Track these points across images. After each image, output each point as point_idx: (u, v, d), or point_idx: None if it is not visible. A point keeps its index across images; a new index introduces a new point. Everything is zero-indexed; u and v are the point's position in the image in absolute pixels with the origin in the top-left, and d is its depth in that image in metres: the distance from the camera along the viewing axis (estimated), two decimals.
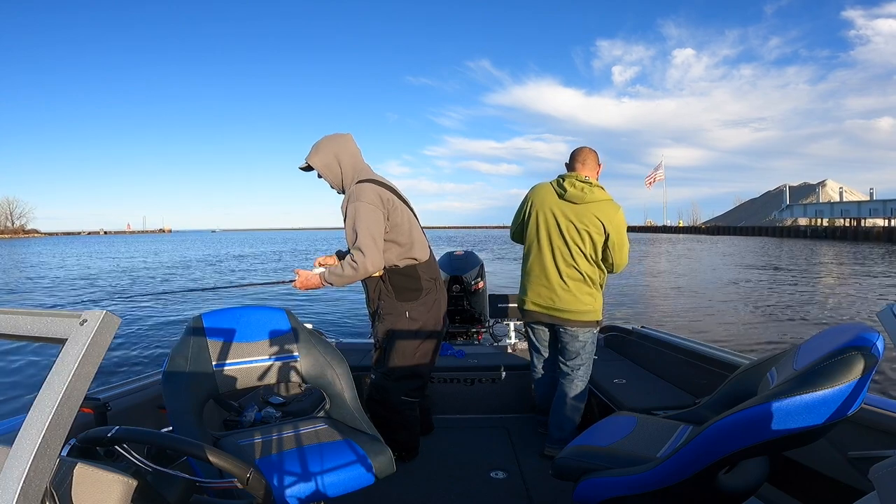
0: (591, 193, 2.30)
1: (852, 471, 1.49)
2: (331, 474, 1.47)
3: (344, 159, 2.15)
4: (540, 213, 2.38)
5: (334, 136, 2.20)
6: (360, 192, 2.06)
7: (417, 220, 2.30)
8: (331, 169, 2.16)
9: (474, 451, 2.43)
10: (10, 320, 0.71)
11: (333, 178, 2.18)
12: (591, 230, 2.29)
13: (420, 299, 2.22)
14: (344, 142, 2.18)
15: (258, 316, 1.81)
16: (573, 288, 2.34)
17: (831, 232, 50.14)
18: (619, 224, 2.32)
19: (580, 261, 2.32)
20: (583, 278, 2.33)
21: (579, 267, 2.33)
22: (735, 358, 2.22)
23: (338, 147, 2.16)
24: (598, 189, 2.33)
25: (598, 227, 2.29)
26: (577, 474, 1.46)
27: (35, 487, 0.59)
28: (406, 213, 2.20)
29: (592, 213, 2.29)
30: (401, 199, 2.21)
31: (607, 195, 2.34)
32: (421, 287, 2.22)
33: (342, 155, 2.15)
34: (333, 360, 1.80)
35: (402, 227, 2.16)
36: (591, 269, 2.34)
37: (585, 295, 2.34)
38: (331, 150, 2.15)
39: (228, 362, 1.70)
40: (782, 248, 33.76)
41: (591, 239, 2.31)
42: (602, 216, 2.29)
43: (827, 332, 1.28)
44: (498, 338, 3.21)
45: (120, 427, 0.92)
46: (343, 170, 2.15)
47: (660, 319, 9.13)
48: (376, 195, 2.07)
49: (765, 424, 1.11)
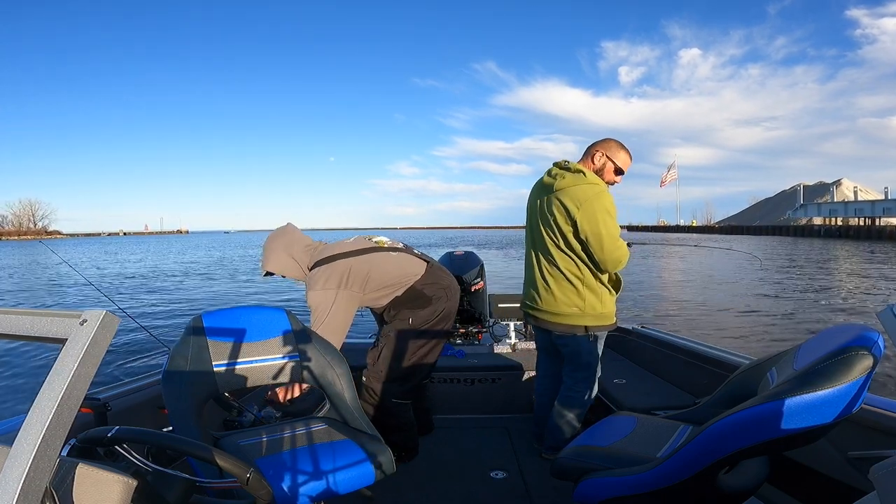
0: (562, 179, 2.06)
1: (852, 471, 1.49)
2: (331, 474, 1.47)
3: (295, 251, 2.17)
4: (528, 207, 2.28)
5: (275, 234, 2.24)
6: (318, 279, 2.08)
7: (401, 245, 2.29)
8: (288, 267, 2.17)
9: (474, 451, 2.43)
10: (10, 320, 0.71)
11: (295, 272, 2.19)
12: (559, 219, 2.05)
13: (427, 308, 2.21)
14: (286, 235, 2.21)
15: (258, 316, 1.81)
16: (553, 287, 2.13)
17: (845, 231, 49.92)
18: (591, 210, 1.98)
19: (556, 255, 2.10)
20: (562, 275, 2.11)
21: (556, 262, 2.11)
22: (735, 358, 2.22)
23: (283, 243, 2.18)
24: (574, 174, 2.06)
25: (564, 213, 2.04)
26: (577, 474, 1.46)
27: (35, 487, 0.59)
28: (374, 259, 2.17)
29: (559, 199, 2.05)
30: (361, 249, 2.18)
31: (585, 179, 2.04)
32: (428, 298, 2.21)
33: (291, 248, 2.17)
34: (333, 361, 1.80)
35: (375, 274, 2.15)
36: (570, 265, 2.09)
37: (568, 294, 2.11)
38: (279, 249, 2.17)
39: (228, 362, 1.70)
40: (797, 247, 33.62)
41: (558, 229, 2.06)
42: (568, 200, 2.02)
43: (827, 332, 1.28)
44: (498, 338, 3.21)
45: (120, 427, 0.92)
46: (298, 261, 2.17)
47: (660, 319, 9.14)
48: (335, 277, 2.08)
49: (765, 424, 1.11)
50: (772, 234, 59.91)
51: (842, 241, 41.78)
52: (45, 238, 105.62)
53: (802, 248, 33.50)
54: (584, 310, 2.11)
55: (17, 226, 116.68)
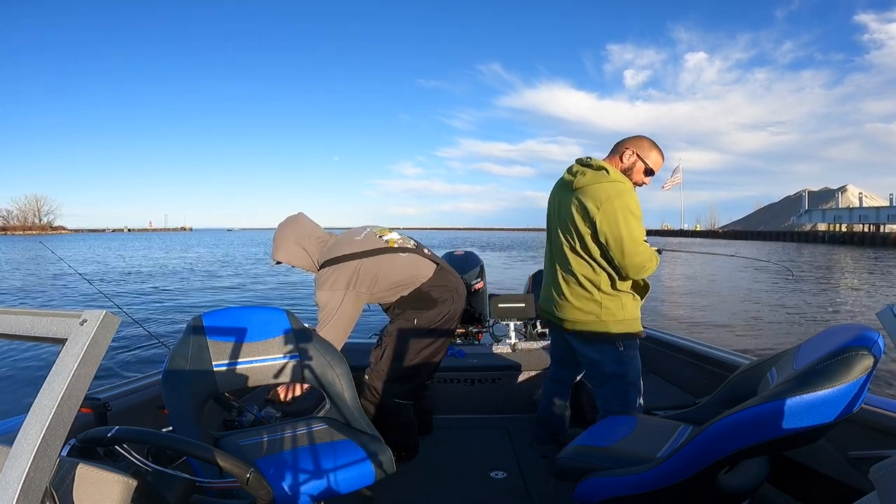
0: (582, 176, 1.89)
1: (852, 471, 1.49)
2: (331, 474, 1.47)
3: (307, 243, 2.15)
4: (549, 207, 2.13)
5: (287, 223, 2.20)
6: (326, 279, 2.07)
7: (412, 244, 2.27)
8: (299, 257, 2.15)
9: (474, 451, 2.43)
10: (10, 320, 0.71)
11: (305, 264, 2.17)
12: (577, 219, 1.89)
13: (434, 309, 2.21)
14: (299, 226, 2.18)
15: (258, 316, 1.81)
16: (568, 292, 1.98)
17: (849, 237, 49.70)
18: (611, 210, 1.81)
19: (571, 259, 1.95)
20: (576, 280, 1.95)
21: (571, 266, 1.95)
22: (735, 358, 2.22)
23: (295, 234, 2.16)
24: (596, 171, 1.88)
25: (582, 213, 1.87)
26: (577, 474, 1.46)
27: (35, 487, 0.59)
28: (383, 260, 2.14)
29: (579, 198, 1.88)
30: (371, 250, 2.14)
31: (608, 176, 1.86)
32: (434, 300, 2.21)
33: (303, 240, 2.15)
34: (333, 361, 1.80)
35: (383, 274, 2.14)
36: (586, 269, 1.92)
37: (585, 301, 1.93)
38: (290, 239, 2.15)
39: (228, 362, 1.70)
40: (801, 253, 33.43)
41: (576, 231, 1.90)
42: (588, 199, 1.85)
43: (827, 332, 1.28)
44: (498, 338, 3.20)
45: (120, 427, 0.92)
46: (310, 252, 2.15)
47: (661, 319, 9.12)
48: (343, 278, 2.07)
49: (765, 424, 1.11)
50: (776, 239, 59.82)
51: (846, 248, 41.63)
52: (49, 233, 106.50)
53: (806, 254, 33.40)
54: (601, 316, 1.91)
55: (22, 221, 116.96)
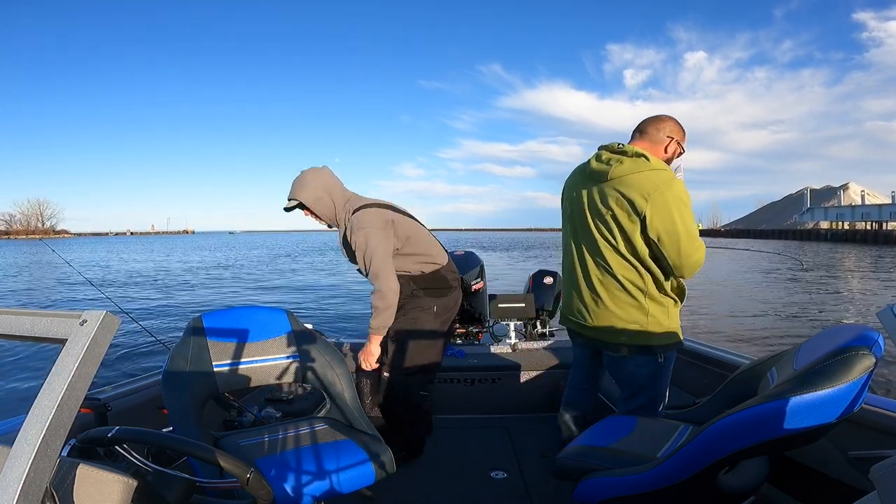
0: (619, 165, 1.64)
1: (852, 471, 1.49)
2: (331, 474, 1.47)
3: (335, 192, 2.13)
4: (566, 199, 1.86)
5: (316, 170, 2.16)
6: (365, 220, 2.06)
7: (425, 228, 2.33)
8: (323, 203, 2.11)
9: (474, 451, 2.43)
10: (10, 320, 0.71)
11: (326, 211, 2.13)
12: (618, 214, 1.64)
13: (449, 296, 2.28)
14: (328, 175, 2.16)
15: (258, 316, 1.81)
16: (605, 298, 1.72)
17: (852, 235, 50.02)
18: (663, 202, 1.58)
19: (611, 260, 1.69)
20: (618, 284, 1.69)
21: (611, 269, 1.69)
22: (735, 358, 2.22)
23: (325, 181, 2.13)
24: (634, 159, 1.64)
25: (627, 207, 1.62)
26: (578, 474, 1.46)
27: (35, 487, 0.59)
28: (414, 224, 2.22)
29: (619, 189, 1.63)
30: (403, 212, 2.23)
31: (649, 164, 1.63)
32: (450, 285, 2.28)
33: (332, 188, 2.13)
34: (333, 361, 1.80)
35: (414, 237, 2.18)
36: (629, 272, 1.68)
37: (626, 308, 1.70)
38: (319, 184, 2.10)
39: (229, 362, 1.70)
40: (803, 251, 33.37)
41: (619, 227, 1.65)
42: (632, 191, 1.61)
43: (827, 332, 1.28)
44: (498, 338, 3.20)
45: (120, 427, 0.92)
46: (335, 202, 2.13)
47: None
48: (381, 219, 2.08)
49: (765, 424, 1.11)
50: (778, 237, 59.96)
51: (848, 246, 41.67)
52: (52, 237, 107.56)
53: (809, 251, 33.38)
54: (646, 326, 1.70)
55: (25, 225, 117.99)
